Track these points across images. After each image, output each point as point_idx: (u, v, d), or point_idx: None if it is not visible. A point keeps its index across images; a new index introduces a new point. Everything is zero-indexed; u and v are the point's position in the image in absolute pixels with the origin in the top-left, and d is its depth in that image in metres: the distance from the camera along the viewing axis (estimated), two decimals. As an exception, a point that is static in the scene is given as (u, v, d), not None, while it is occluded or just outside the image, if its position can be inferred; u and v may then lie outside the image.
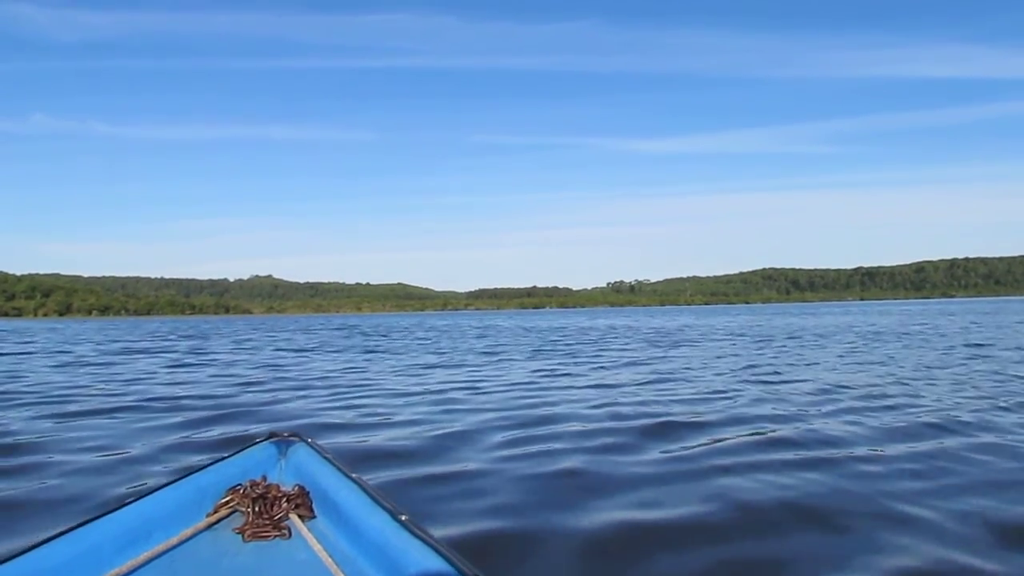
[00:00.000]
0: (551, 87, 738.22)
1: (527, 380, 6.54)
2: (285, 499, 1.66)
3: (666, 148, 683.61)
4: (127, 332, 26.59)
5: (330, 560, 1.40)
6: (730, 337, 13.82)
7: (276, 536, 1.55)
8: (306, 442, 1.91)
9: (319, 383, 6.51)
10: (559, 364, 8.42)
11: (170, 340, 17.75)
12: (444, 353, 10.80)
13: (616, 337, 15.25)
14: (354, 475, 1.68)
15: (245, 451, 1.86)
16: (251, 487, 1.68)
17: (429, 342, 14.84)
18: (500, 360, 9.23)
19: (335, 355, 10.84)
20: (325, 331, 24.42)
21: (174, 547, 1.46)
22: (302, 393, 5.75)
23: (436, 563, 1.24)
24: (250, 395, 5.66)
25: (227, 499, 1.66)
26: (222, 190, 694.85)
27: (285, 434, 1.94)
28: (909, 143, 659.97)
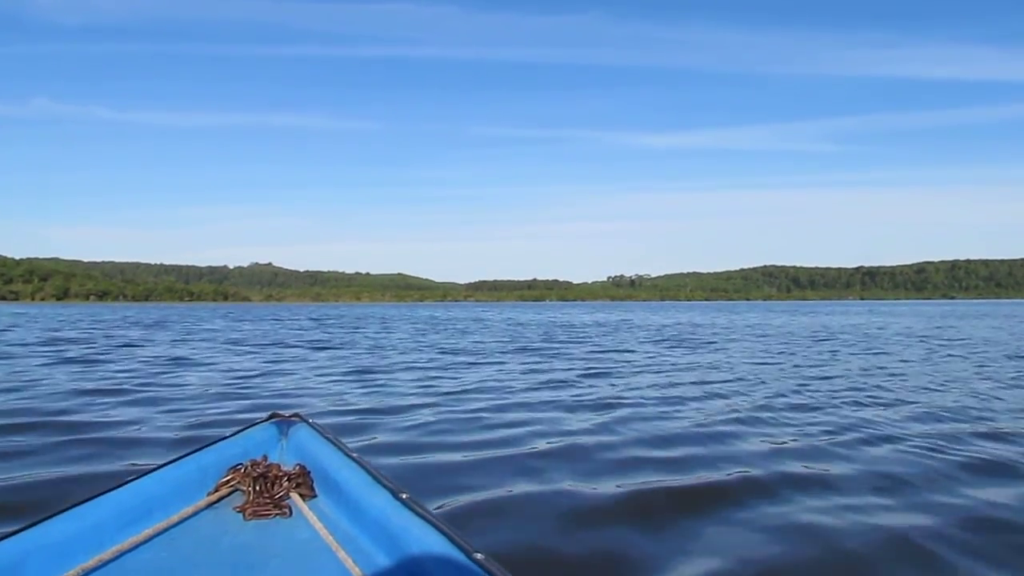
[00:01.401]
0: (553, 80, 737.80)
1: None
2: (286, 478, 1.65)
3: (668, 143, 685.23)
4: (86, 319, 25.20)
5: (331, 538, 1.39)
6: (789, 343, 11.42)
7: (277, 515, 1.55)
8: (307, 422, 1.90)
9: (209, 389, 5.30)
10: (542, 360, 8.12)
11: (119, 329, 16.51)
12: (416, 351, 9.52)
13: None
14: (355, 455, 1.67)
15: (246, 431, 1.85)
16: (252, 466, 1.67)
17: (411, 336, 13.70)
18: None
19: (278, 350, 9.73)
20: (298, 321, 23.25)
21: (175, 525, 1.46)
22: (168, 406, 4.54)
23: (437, 541, 1.24)
24: (88, 412, 4.30)
25: (228, 478, 1.65)
26: (223, 177, 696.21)
27: (286, 414, 1.94)
28: (912, 143, 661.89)
